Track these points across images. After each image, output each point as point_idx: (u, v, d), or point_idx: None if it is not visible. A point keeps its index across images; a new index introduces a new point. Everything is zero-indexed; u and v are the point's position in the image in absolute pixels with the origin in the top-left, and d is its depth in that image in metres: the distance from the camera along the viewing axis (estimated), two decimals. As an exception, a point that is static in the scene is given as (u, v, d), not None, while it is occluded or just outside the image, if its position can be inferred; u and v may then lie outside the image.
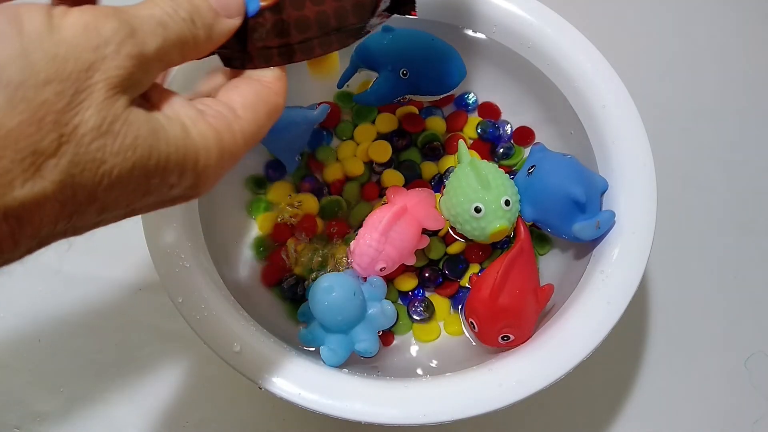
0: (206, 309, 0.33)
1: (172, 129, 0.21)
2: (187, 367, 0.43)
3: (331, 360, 0.34)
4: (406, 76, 0.40)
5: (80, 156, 0.19)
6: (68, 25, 0.19)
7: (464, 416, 0.31)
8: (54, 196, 0.19)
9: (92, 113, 0.19)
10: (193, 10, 0.23)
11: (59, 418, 0.42)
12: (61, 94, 0.19)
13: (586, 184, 0.36)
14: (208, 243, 0.37)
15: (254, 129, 0.25)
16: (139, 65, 0.21)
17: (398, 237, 0.37)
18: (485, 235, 0.36)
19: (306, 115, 0.41)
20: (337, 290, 0.34)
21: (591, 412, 0.43)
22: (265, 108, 0.25)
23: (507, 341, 0.35)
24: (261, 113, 0.25)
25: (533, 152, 0.39)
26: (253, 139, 0.25)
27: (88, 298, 0.45)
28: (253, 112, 0.24)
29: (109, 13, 0.20)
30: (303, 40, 0.26)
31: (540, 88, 0.42)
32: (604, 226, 0.36)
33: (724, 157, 0.51)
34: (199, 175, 0.23)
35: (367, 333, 0.35)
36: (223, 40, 0.24)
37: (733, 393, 0.44)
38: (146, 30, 0.21)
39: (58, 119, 0.19)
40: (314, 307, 0.34)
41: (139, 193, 0.21)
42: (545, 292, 0.36)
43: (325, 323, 0.35)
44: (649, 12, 0.57)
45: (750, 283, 0.47)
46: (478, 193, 0.36)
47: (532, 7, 0.41)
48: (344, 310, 0.34)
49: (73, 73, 0.19)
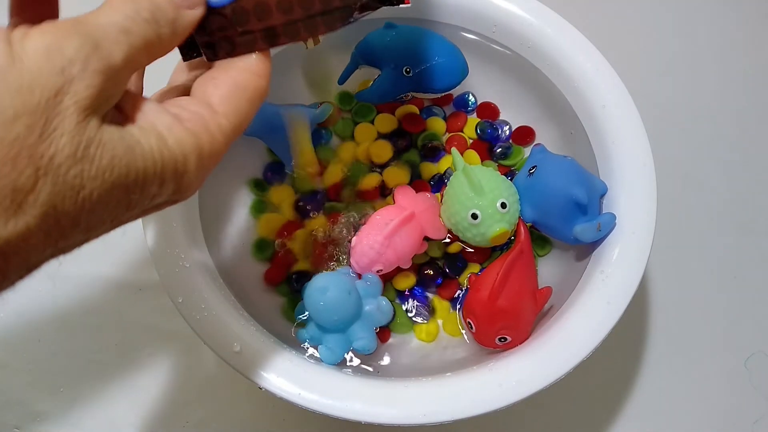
0: (206, 309, 0.33)
1: (147, 141, 0.21)
2: (187, 367, 0.43)
3: (330, 359, 0.35)
4: (409, 74, 0.40)
5: (59, 186, 0.19)
6: (30, 52, 0.18)
7: (464, 416, 0.31)
8: (38, 228, 0.19)
9: (66, 141, 0.19)
10: (154, 9, 0.22)
11: (59, 418, 0.42)
12: (32, 127, 0.18)
13: (587, 186, 0.36)
14: (209, 243, 0.37)
15: (235, 120, 0.24)
16: (107, 79, 0.20)
17: (401, 243, 0.37)
18: (486, 240, 0.36)
19: (307, 113, 0.41)
20: (331, 290, 0.34)
21: (591, 412, 0.43)
22: (245, 95, 0.24)
23: (504, 342, 0.35)
24: (241, 102, 0.24)
25: (534, 153, 0.39)
26: (236, 132, 0.24)
27: (88, 298, 0.45)
28: (232, 103, 0.24)
29: (70, 29, 0.19)
30: (287, 22, 0.26)
31: (540, 88, 0.42)
32: (604, 229, 0.36)
33: (724, 157, 0.51)
34: (180, 182, 0.22)
35: (364, 330, 0.35)
36: (188, 32, 0.24)
37: (733, 393, 0.44)
38: (110, 40, 0.20)
39: (33, 153, 0.18)
40: (310, 307, 0.34)
41: (121, 208, 0.21)
42: (543, 294, 0.36)
43: (321, 323, 0.35)
44: (649, 12, 0.57)
45: (750, 283, 0.47)
46: (473, 200, 0.36)
47: (532, 7, 0.41)
48: (340, 309, 0.34)
49: (42, 102, 0.18)
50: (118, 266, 0.46)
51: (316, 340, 0.35)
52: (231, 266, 0.39)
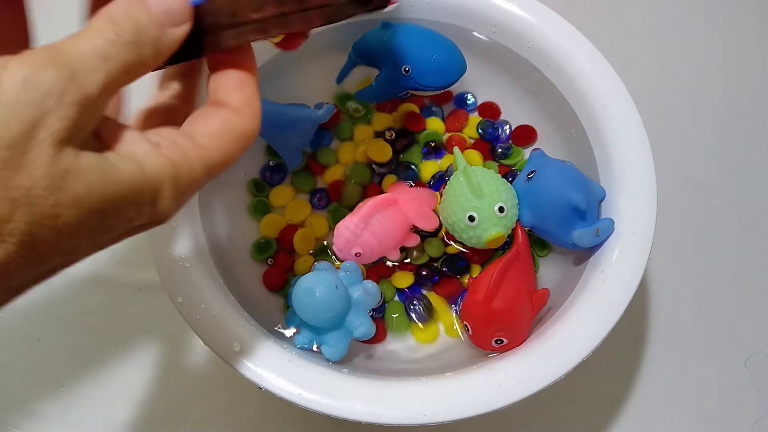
0: (206, 309, 0.33)
1: (124, 167, 0.21)
2: (187, 367, 0.43)
3: (335, 355, 0.34)
4: (408, 73, 0.40)
5: (36, 215, 0.19)
6: (7, 84, 0.19)
7: (464, 416, 0.31)
8: (17, 255, 0.19)
9: (42, 173, 0.19)
10: (137, 30, 0.22)
11: (59, 418, 0.42)
12: (8, 161, 0.18)
13: (586, 191, 0.36)
14: (209, 243, 0.37)
15: (219, 157, 0.24)
16: (83, 109, 0.20)
17: (380, 227, 0.37)
18: (481, 242, 0.36)
19: (310, 114, 0.41)
20: (318, 289, 0.33)
21: (591, 412, 0.43)
22: (232, 135, 0.24)
23: (500, 345, 0.35)
24: (227, 140, 0.24)
25: (532, 158, 0.39)
26: (219, 168, 0.24)
27: (88, 298, 0.45)
28: (217, 139, 0.24)
29: (47, 59, 0.19)
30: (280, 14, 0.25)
31: (540, 89, 0.42)
32: (602, 234, 0.36)
33: (724, 157, 0.51)
34: (156, 208, 0.22)
35: (359, 318, 0.35)
36: (173, 51, 0.23)
37: (733, 393, 0.43)
38: (88, 68, 0.20)
39: (9, 186, 0.18)
40: (301, 311, 0.34)
41: (100, 232, 0.21)
42: (540, 296, 0.36)
43: (316, 324, 0.34)
44: (649, 12, 0.57)
45: (750, 283, 0.47)
46: (471, 202, 0.36)
47: (532, 7, 0.41)
48: (332, 305, 0.34)
49: (18, 134, 0.18)
50: (118, 266, 0.46)
51: (317, 341, 0.35)
52: (231, 266, 0.39)
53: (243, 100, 0.25)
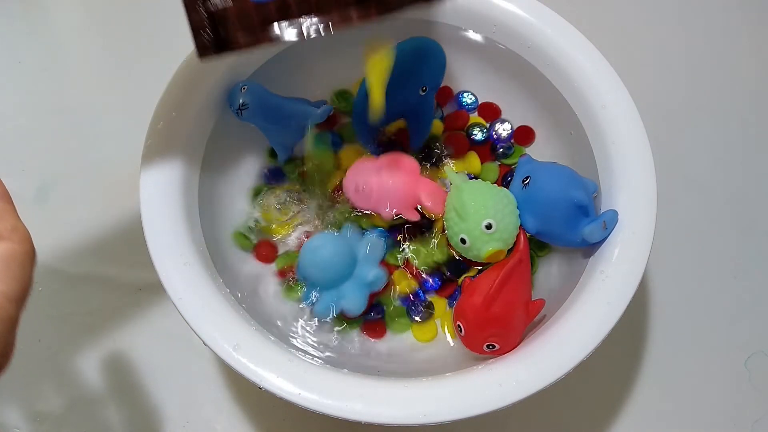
0: (206, 308, 0.33)
1: None
2: (187, 367, 0.43)
3: (355, 306, 0.37)
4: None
5: None
6: None
7: (464, 416, 0.31)
8: None
9: None
10: None
11: (59, 418, 0.42)
12: None
13: (582, 187, 0.36)
14: (209, 243, 0.37)
15: (16, 286, 0.24)
16: None
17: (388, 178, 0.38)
18: (481, 258, 0.37)
19: (307, 111, 0.41)
20: (321, 245, 0.36)
21: (591, 412, 0.43)
22: (15, 263, 0.24)
23: (492, 350, 0.35)
24: (14, 270, 0.24)
25: (521, 164, 0.39)
26: (23, 295, 0.24)
27: (88, 298, 0.45)
28: (7, 275, 0.24)
29: None
30: None
31: (540, 89, 0.42)
32: (610, 226, 0.36)
33: (724, 157, 0.51)
34: None
35: (369, 266, 0.37)
36: None
37: (733, 393, 0.43)
38: None
39: None
40: (311, 271, 0.37)
41: None
42: (536, 306, 0.36)
43: (328, 278, 0.37)
44: (648, 12, 0.57)
45: (750, 283, 0.47)
46: (459, 225, 0.37)
47: (532, 7, 0.41)
48: (336, 253, 0.36)
49: None
50: (118, 266, 0.46)
51: (335, 305, 0.37)
52: (231, 266, 0.39)
53: (7, 227, 0.25)
